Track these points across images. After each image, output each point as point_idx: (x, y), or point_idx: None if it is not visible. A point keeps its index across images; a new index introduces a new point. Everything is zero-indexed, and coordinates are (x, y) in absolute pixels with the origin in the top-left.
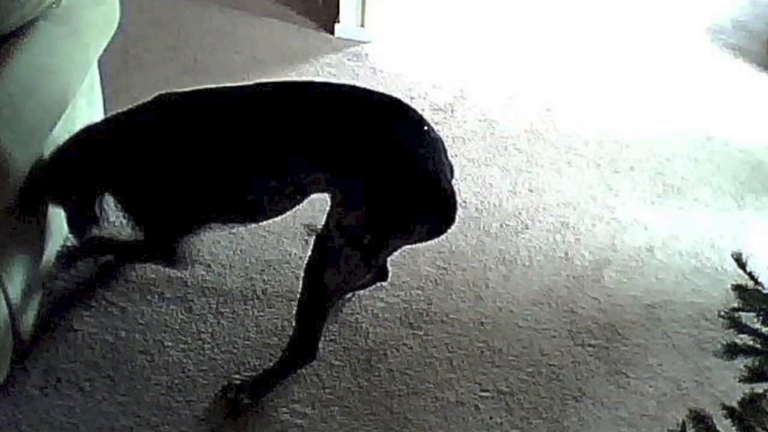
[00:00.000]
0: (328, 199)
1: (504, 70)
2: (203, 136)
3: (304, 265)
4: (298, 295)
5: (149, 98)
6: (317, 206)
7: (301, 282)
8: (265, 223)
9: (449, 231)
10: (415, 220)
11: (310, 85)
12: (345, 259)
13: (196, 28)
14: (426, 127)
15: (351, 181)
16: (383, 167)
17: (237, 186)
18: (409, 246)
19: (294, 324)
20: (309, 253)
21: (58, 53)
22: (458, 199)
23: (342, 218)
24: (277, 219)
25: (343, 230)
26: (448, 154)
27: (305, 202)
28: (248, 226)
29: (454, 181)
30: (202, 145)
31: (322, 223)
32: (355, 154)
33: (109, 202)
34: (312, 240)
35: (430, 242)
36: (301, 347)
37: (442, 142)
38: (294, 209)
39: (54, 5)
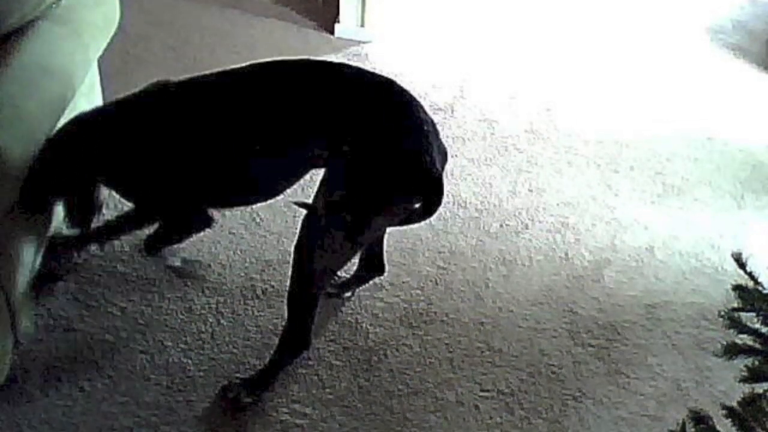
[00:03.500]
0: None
1: (504, 70)
2: (202, 118)
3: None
4: (288, 280)
5: (144, 86)
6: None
7: (290, 264)
8: (265, 223)
9: (450, 231)
10: (395, 199)
11: (304, 64)
12: (331, 237)
13: (196, 28)
14: (416, 109)
15: (335, 159)
16: (364, 146)
17: (235, 165)
18: (409, 245)
19: (286, 314)
20: (298, 232)
21: (58, 53)
22: (457, 194)
23: (329, 195)
24: (277, 219)
25: (328, 208)
26: (449, 148)
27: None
28: (248, 227)
29: (454, 177)
30: (201, 127)
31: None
32: (341, 133)
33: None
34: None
35: (430, 242)
36: (293, 337)
37: (434, 125)
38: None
39: (54, 5)
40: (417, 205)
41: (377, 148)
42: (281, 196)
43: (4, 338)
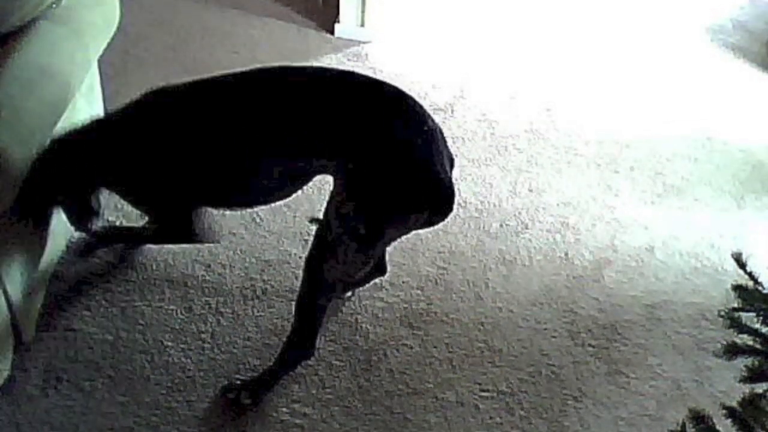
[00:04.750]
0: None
1: (504, 70)
2: (203, 126)
3: (305, 257)
4: (298, 288)
5: (141, 95)
6: (319, 205)
7: (301, 273)
8: (265, 223)
9: (450, 231)
10: (409, 209)
11: (311, 71)
12: (343, 249)
13: (196, 28)
14: (425, 118)
15: (347, 169)
16: (377, 156)
17: (238, 172)
18: (409, 245)
19: (293, 319)
20: (311, 243)
21: (58, 53)
22: (457, 194)
23: (340, 207)
24: (277, 219)
25: (340, 219)
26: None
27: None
28: (248, 227)
29: (454, 178)
30: (203, 135)
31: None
32: (352, 142)
33: (105, 195)
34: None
35: (430, 242)
36: (299, 343)
37: (442, 133)
38: (297, 193)
39: (54, 5)
40: (428, 214)
41: (388, 159)
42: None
43: (4, 338)
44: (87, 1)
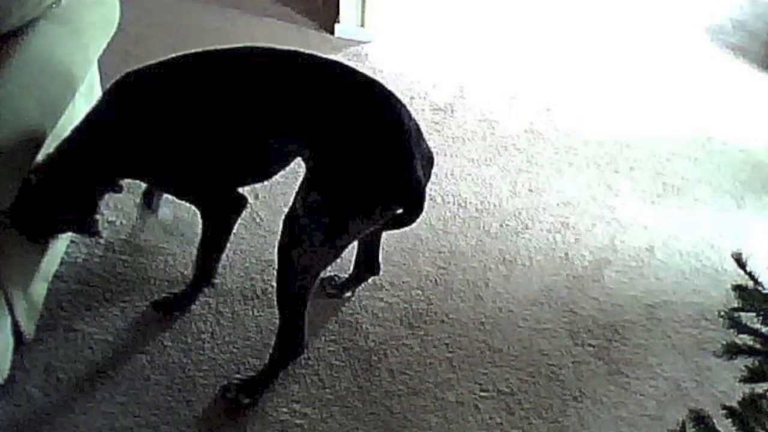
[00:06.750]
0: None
1: (504, 70)
2: (185, 109)
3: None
4: (275, 279)
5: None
6: None
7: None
8: (265, 222)
9: (450, 231)
10: (372, 205)
11: (295, 56)
12: (310, 238)
13: (196, 28)
14: (399, 113)
15: (316, 160)
16: (343, 149)
17: (211, 149)
18: (409, 245)
19: (278, 315)
20: (280, 230)
21: (58, 53)
22: (457, 194)
23: (307, 196)
24: (277, 219)
25: (306, 208)
26: (448, 148)
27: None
28: (248, 227)
29: (453, 178)
30: (185, 117)
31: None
32: (323, 134)
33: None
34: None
35: (430, 242)
36: (288, 339)
37: (418, 130)
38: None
39: (54, 5)
40: (399, 211)
41: (356, 154)
42: (281, 197)
43: (4, 338)
44: (87, 1)
